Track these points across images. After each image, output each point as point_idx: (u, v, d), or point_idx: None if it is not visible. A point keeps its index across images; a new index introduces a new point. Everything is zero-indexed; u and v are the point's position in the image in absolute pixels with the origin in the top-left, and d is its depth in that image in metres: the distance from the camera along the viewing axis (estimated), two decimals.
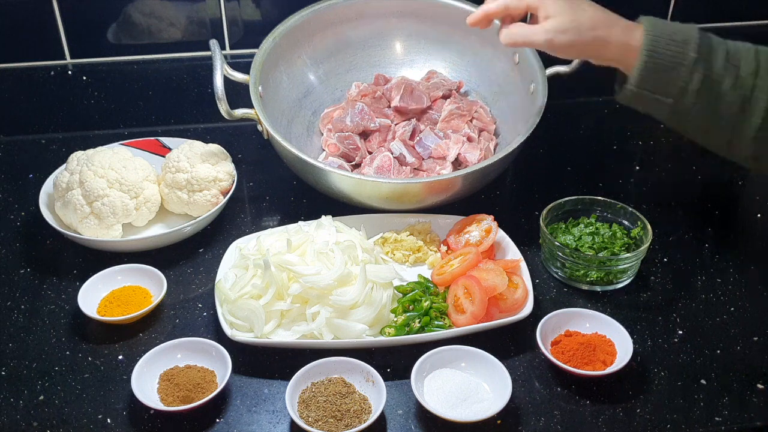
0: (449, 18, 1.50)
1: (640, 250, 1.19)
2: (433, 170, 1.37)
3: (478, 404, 1.01)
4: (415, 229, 1.28)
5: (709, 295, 1.21)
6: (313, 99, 1.50)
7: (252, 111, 1.31)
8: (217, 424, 1.02)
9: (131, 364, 1.06)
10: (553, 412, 1.03)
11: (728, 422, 1.02)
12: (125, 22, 1.52)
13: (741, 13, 1.66)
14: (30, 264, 1.26)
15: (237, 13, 1.53)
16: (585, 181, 1.43)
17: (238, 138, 1.51)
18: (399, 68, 1.54)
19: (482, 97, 1.50)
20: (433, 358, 1.06)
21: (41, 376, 1.08)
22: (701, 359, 1.10)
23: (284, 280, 1.12)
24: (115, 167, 1.26)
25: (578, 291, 1.21)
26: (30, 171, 1.45)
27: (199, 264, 1.26)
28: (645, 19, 1.08)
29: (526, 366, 1.09)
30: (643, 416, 1.02)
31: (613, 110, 1.65)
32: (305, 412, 1.00)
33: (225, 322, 1.10)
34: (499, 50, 1.47)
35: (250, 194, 1.42)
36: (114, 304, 1.16)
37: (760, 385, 1.06)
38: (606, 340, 1.10)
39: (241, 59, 1.51)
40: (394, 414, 1.03)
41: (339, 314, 1.10)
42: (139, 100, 1.56)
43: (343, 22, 1.50)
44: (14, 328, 1.15)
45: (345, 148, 1.39)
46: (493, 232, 1.23)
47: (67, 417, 1.03)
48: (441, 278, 1.19)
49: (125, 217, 1.26)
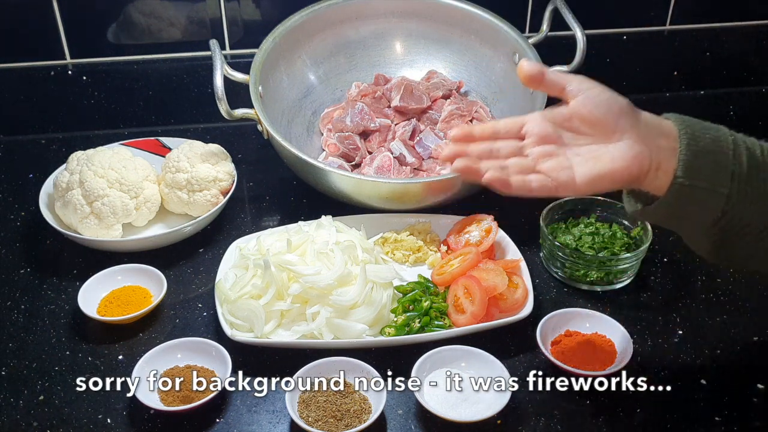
0: (449, 18, 1.50)
1: (640, 250, 1.19)
2: (433, 170, 1.37)
3: (478, 404, 1.01)
4: (415, 229, 1.28)
5: (709, 295, 1.20)
6: (313, 99, 1.50)
7: (252, 111, 1.31)
8: (217, 424, 1.02)
9: (131, 364, 1.06)
10: (553, 412, 1.03)
11: (728, 422, 1.02)
12: (125, 22, 1.52)
13: (741, 13, 1.66)
14: (30, 264, 1.26)
15: (237, 13, 1.53)
16: None
17: (238, 138, 1.51)
18: (399, 68, 1.54)
19: (482, 97, 1.50)
20: (433, 358, 1.06)
21: (41, 376, 1.08)
22: (701, 359, 1.10)
23: (284, 280, 1.12)
24: (115, 167, 1.26)
25: (578, 291, 1.21)
26: (30, 171, 1.45)
27: (199, 264, 1.26)
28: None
29: (526, 366, 1.09)
30: (643, 416, 1.02)
31: None
32: (305, 412, 1.00)
33: (225, 322, 1.10)
34: (499, 50, 1.47)
35: (250, 194, 1.42)
36: (114, 304, 1.16)
37: (760, 385, 1.06)
38: (606, 340, 1.10)
39: (241, 59, 1.51)
40: (394, 414, 1.03)
41: (339, 314, 1.10)
42: (139, 100, 1.56)
43: (343, 22, 1.50)
44: (14, 328, 1.15)
45: (345, 148, 1.39)
46: (493, 232, 1.23)
47: (67, 417, 1.03)
48: (441, 278, 1.19)
49: (125, 217, 1.26)
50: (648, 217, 0.95)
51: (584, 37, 1.35)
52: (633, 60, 1.67)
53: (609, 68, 1.65)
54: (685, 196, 0.86)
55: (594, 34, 1.56)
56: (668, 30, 1.66)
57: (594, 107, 0.87)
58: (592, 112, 0.87)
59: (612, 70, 1.67)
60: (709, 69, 1.69)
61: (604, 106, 0.87)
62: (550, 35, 1.47)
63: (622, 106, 0.88)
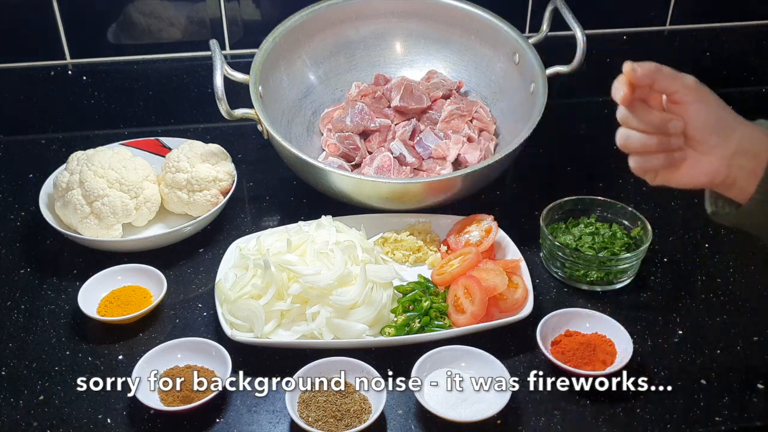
0: (449, 18, 1.50)
1: (640, 250, 1.19)
2: (433, 170, 1.37)
3: (478, 404, 1.01)
4: (415, 229, 1.28)
5: (709, 295, 1.20)
6: (313, 99, 1.50)
7: (252, 111, 1.31)
8: (217, 424, 1.02)
9: (131, 364, 1.06)
10: (553, 412, 1.03)
11: (728, 422, 1.02)
12: (125, 22, 1.52)
13: (741, 13, 1.66)
14: (30, 264, 1.26)
15: (237, 13, 1.53)
16: (585, 181, 1.43)
17: (238, 138, 1.51)
18: (399, 68, 1.54)
19: (482, 97, 1.50)
20: (433, 358, 1.06)
21: (41, 376, 1.08)
22: (701, 359, 1.10)
23: (284, 280, 1.12)
24: (115, 167, 1.26)
25: (578, 291, 1.21)
26: (30, 171, 1.45)
27: (199, 264, 1.26)
28: None
29: (526, 366, 1.09)
30: (643, 416, 1.02)
31: (613, 110, 1.65)
32: (305, 412, 1.00)
33: (225, 322, 1.10)
34: (499, 50, 1.47)
35: (250, 194, 1.42)
36: (114, 304, 1.16)
37: (760, 385, 1.06)
38: (606, 340, 1.10)
39: (241, 59, 1.50)
40: (394, 414, 1.03)
41: (339, 314, 1.10)
42: (139, 100, 1.56)
43: (343, 22, 1.50)
44: (14, 328, 1.15)
45: (345, 148, 1.39)
46: (493, 232, 1.23)
47: (67, 417, 1.03)
48: (441, 278, 1.19)
49: (125, 217, 1.26)
50: (723, 220, 0.96)
51: (584, 37, 1.35)
52: (633, 60, 1.66)
53: (609, 68, 1.65)
54: (760, 211, 0.89)
55: (594, 34, 1.56)
56: (668, 30, 1.66)
57: (694, 129, 0.89)
58: (693, 131, 0.89)
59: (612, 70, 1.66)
60: (709, 69, 1.69)
61: (702, 126, 0.89)
62: (550, 35, 1.47)
63: (719, 126, 0.89)
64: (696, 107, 0.88)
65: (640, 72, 0.90)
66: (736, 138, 0.89)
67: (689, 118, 0.88)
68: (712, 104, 0.89)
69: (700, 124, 0.88)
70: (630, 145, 0.90)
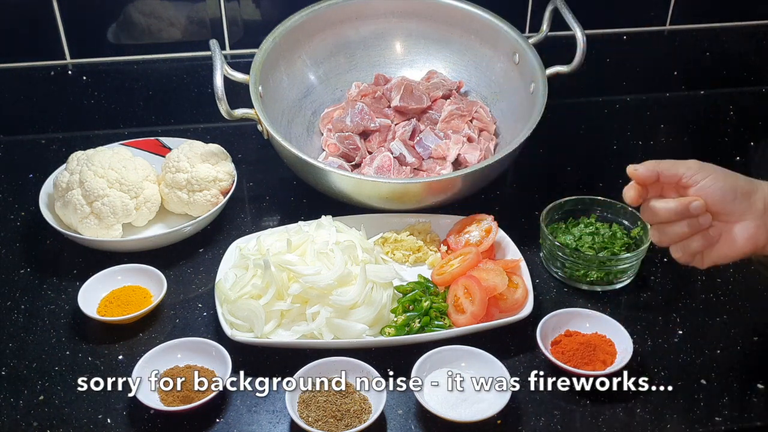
0: (449, 18, 1.50)
1: (640, 250, 1.19)
2: (433, 170, 1.37)
3: (478, 404, 1.01)
4: (415, 229, 1.28)
5: (709, 295, 1.20)
6: (313, 99, 1.50)
7: (252, 111, 1.31)
8: (217, 424, 1.02)
9: (131, 364, 1.06)
10: (553, 412, 1.03)
11: (728, 422, 1.02)
12: (125, 22, 1.52)
13: (741, 13, 1.66)
14: (30, 264, 1.26)
15: (237, 13, 1.53)
16: (585, 181, 1.43)
17: (238, 138, 1.51)
18: (399, 68, 1.54)
19: (482, 97, 1.50)
20: (433, 358, 1.06)
21: (41, 376, 1.08)
22: (701, 359, 1.10)
23: (284, 280, 1.12)
24: (115, 167, 1.26)
25: (578, 291, 1.21)
26: (30, 171, 1.45)
27: (199, 264, 1.26)
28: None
29: (526, 366, 1.09)
30: (643, 416, 1.02)
31: (613, 110, 1.65)
32: (305, 412, 1.00)
33: (225, 322, 1.10)
34: (499, 50, 1.47)
35: (250, 194, 1.42)
36: (114, 304, 1.16)
37: (760, 385, 1.06)
38: (606, 340, 1.10)
39: (241, 59, 1.50)
40: (394, 414, 1.03)
41: (339, 314, 1.10)
42: (139, 100, 1.56)
43: (343, 22, 1.50)
44: (14, 328, 1.15)
45: (345, 148, 1.39)
46: (493, 232, 1.23)
47: (67, 417, 1.03)
48: (441, 278, 1.19)
49: (125, 217, 1.26)
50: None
51: (584, 37, 1.35)
52: (633, 60, 1.67)
53: (609, 68, 1.66)
54: None
55: (594, 34, 1.56)
56: (668, 30, 1.66)
57: (713, 202, 0.92)
58: (714, 205, 0.92)
59: (612, 70, 1.67)
60: (709, 69, 1.69)
61: (720, 197, 0.92)
62: (550, 35, 1.47)
63: (736, 191, 0.92)
64: (706, 183, 0.92)
65: (642, 170, 0.95)
66: (760, 197, 0.93)
67: (705, 195, 0.92)
68: (720, 176, 0.93)
69: (717, 196, 0.92)
70: (665, 238, 0.95)
